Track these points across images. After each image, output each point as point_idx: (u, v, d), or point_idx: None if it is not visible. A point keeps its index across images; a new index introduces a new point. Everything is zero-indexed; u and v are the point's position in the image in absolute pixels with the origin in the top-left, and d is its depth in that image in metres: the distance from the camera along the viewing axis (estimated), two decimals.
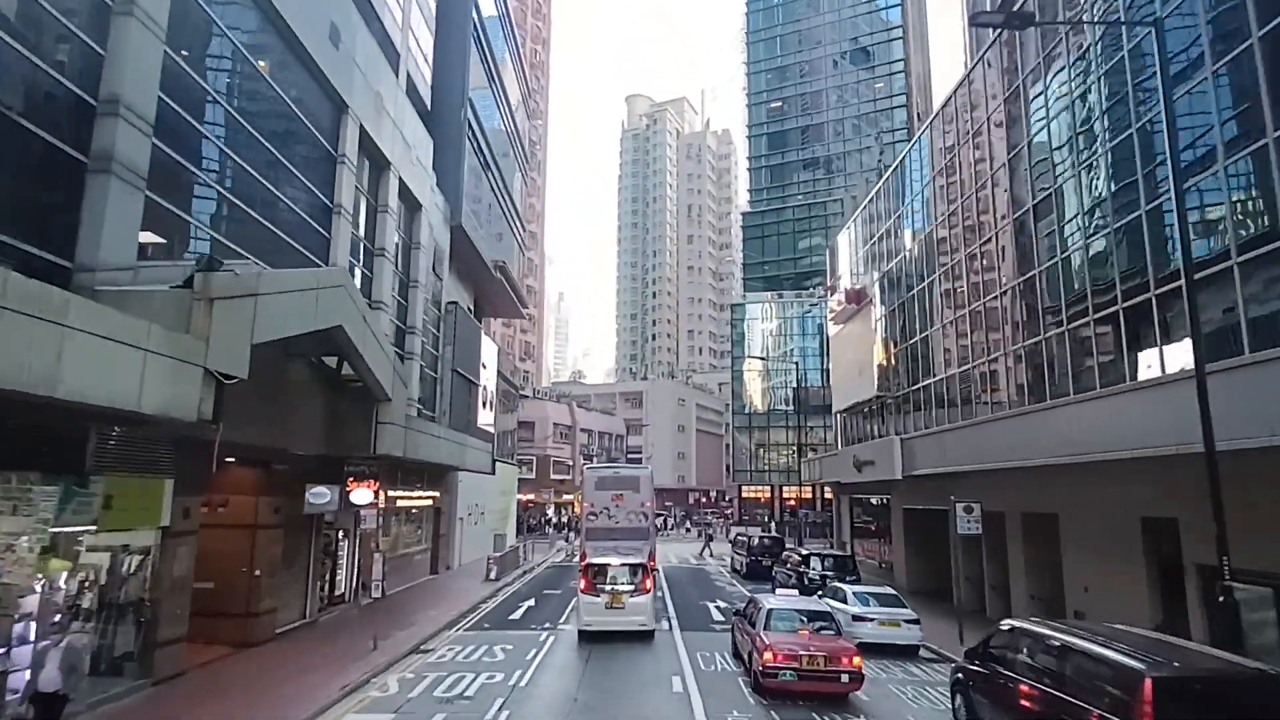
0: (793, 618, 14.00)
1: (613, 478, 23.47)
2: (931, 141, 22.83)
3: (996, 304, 18.72)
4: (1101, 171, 14.59)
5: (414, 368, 24.42)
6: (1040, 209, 17.04)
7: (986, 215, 19.67)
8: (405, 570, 24.55)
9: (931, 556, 25.23)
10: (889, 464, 21.96)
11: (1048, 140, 16.91)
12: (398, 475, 23.06)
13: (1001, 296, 18.68)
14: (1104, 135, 14.55)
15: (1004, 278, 18.66)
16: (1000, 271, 18.85)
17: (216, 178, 13.30)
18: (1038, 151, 17.28)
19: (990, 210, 19.40)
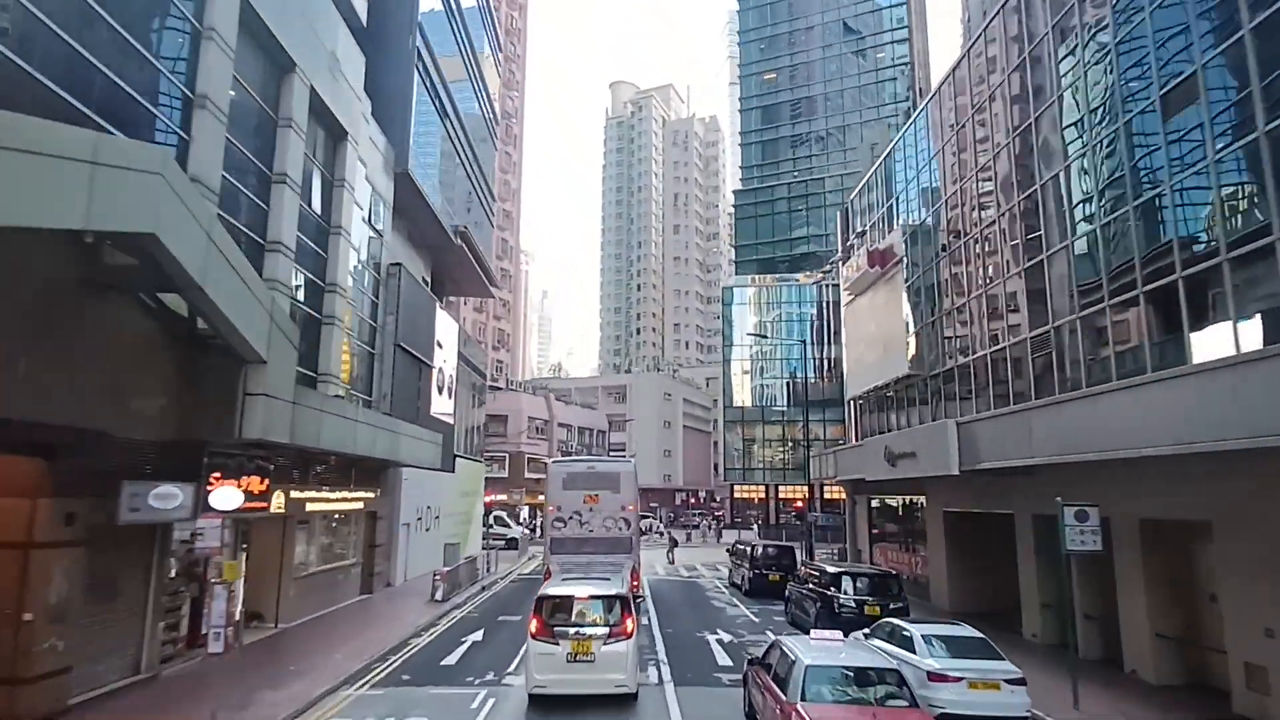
0: (844, 681, 9.30)
1: (586, 474, 18.54)
2: (1005, 29, 17.98)
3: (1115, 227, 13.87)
4: None
5: (333, 334, 19.28)
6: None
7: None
8: (324, 591, 19.40)
9: (982, 572, 20.45)
10: (938, 455, 17.13)
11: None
12: (309, 471, 17.92)
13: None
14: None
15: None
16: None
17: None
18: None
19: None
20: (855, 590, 16.04)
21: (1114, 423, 11.48)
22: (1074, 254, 14.92)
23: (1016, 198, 17.26)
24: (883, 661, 9.85)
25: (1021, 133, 17.16)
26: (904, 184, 24.65)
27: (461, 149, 35.19)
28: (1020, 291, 17.15)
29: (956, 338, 20.62)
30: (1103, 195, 13.97)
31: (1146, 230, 12.73)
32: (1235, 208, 10.94)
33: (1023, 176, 17.12)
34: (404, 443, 20.69)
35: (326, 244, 19.72)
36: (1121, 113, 13.39)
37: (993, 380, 18.37)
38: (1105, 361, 13.78)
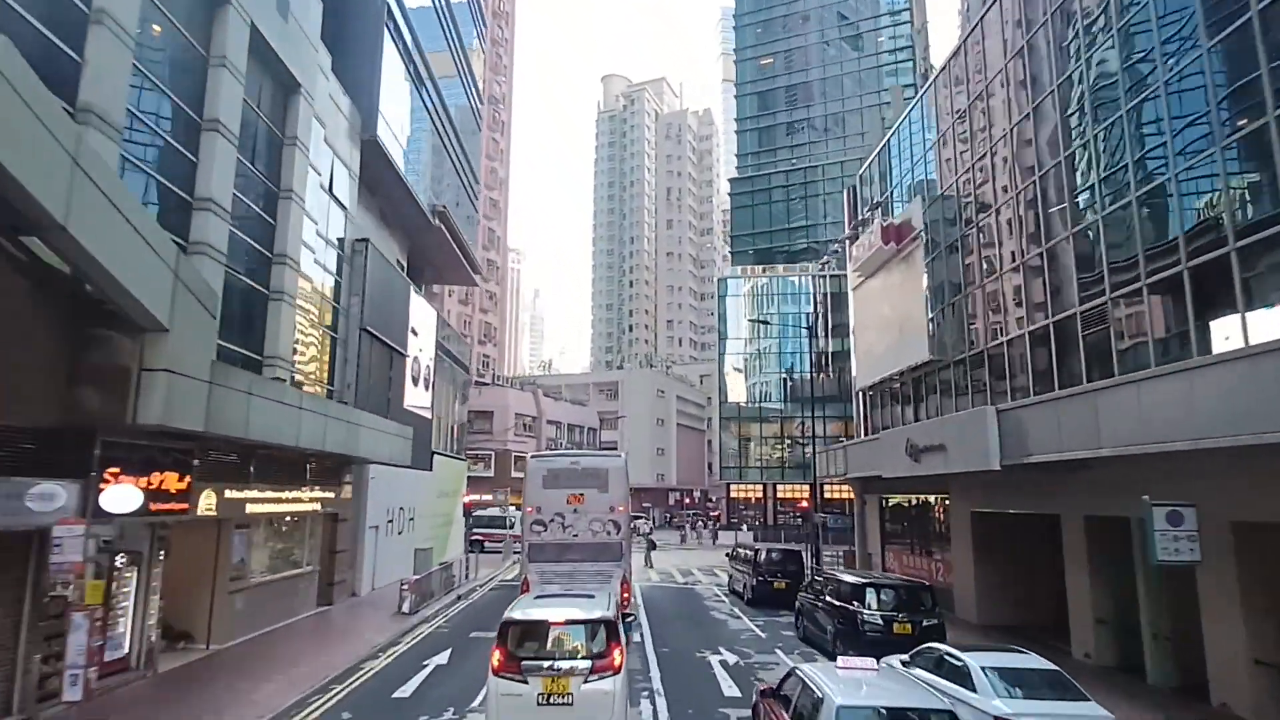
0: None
1: (569, 471, 16.20)
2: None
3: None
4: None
5: (282, 311, 16.93)
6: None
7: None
8: (271, 605, 17.00)
9: (1016, 580, 18.26)
10: (974, 448, 14.90)
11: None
12: (251, 466, 15.53)
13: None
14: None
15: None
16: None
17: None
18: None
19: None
20: (881, 604, 13.77)
21: (1219, 404, 9.24)
22: (1140, 211, 12.70)
23: (1064, 150, 15.03)
24: (934, 702, 7.64)
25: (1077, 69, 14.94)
26: (923, 151, 22.44)
27: (440, 122, 32.80)
28: (1067, 258, 14.92)
29: (987, 317, 18.41)
30: (1186, 128, 11.76)
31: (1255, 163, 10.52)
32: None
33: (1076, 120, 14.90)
34: (365, 436, 18.31)
35: (275, 209, 17.35)
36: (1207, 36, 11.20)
37: (1033, 363, 16.15)
38: (1181, 337, 11.58)
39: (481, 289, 59.47)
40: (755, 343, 55.22)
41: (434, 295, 53.01)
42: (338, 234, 21.77)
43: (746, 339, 55.69)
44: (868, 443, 22.77)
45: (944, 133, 21.07)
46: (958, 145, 20.22)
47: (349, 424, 17.04)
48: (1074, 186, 14.80)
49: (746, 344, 55.56)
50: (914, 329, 21.39)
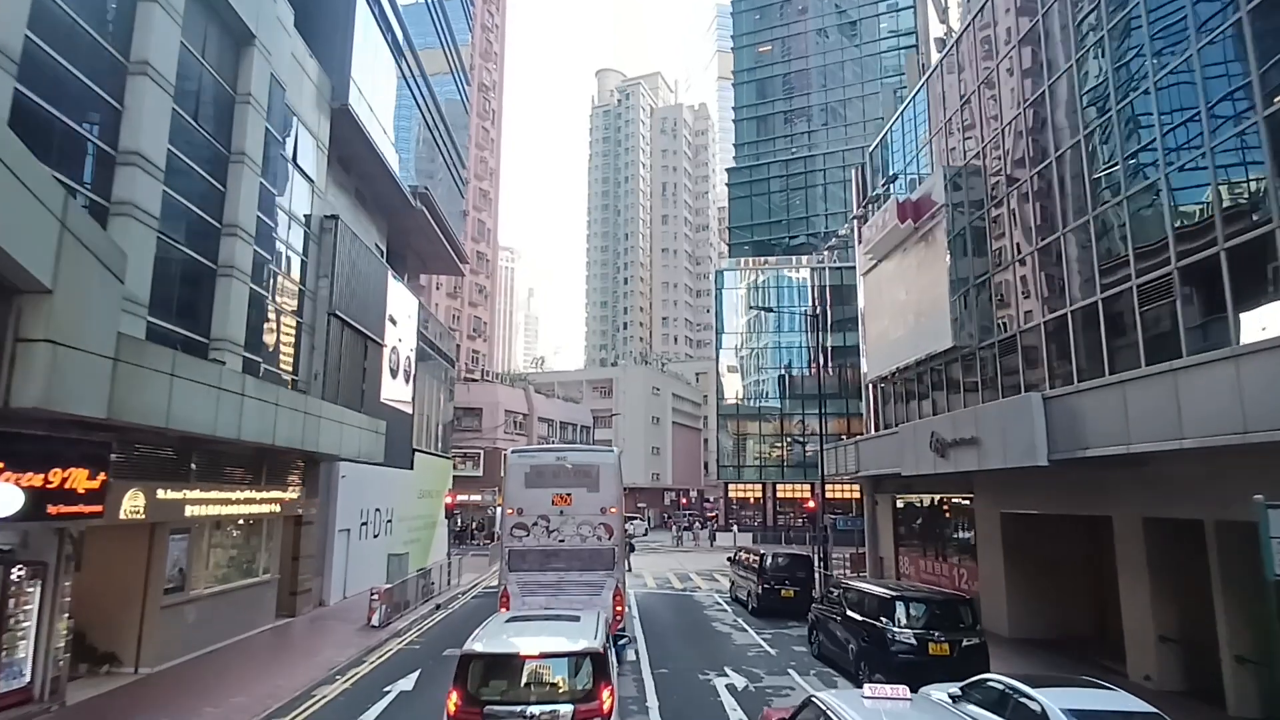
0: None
1: (555, 468, 14.32)
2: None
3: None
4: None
5: (231, 289, 15.03)
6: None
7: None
8: (218, 620, 15.06)
9: (1054, 588, 16.47)
10: (1015, 441, 13.08)
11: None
12: (190, 462, 13.60)
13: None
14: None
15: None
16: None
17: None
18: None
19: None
20: (913, 620, 11.92)
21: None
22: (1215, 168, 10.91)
23: (1118, 101, 13.22)
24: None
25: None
26: (943, 119, 20.61)
27: (423, 101, 30.87)
28: (1122, 223, 13.12)
29: (1021, 297, 16.61)
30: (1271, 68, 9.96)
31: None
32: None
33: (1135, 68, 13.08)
34: (328, 430, 16.39)
35: (225, 174, 15.42)
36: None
37: (1078, 346, 14.34)
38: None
39: (471, 282, 57.53)
40: (753, 337, 53.39)
41: (420, 288, 51.02)
42: (304, 209, 19.87)
43: (744, 333, 53.85)
44: (884, 438, 20.94)
45: (968, 97, 19.25)
46: (985, 108, 18.42)
47: (307, 415, 15.12)
48: (1129, 146, 12.99)
49: (744, 338, 53.73)
50: (934, 314, 19.57)
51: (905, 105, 23.06)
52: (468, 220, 57.14)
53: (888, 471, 20.07)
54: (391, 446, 26.01)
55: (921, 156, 22.28)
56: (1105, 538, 16.24)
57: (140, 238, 12.10)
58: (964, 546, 19.52)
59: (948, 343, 18.65)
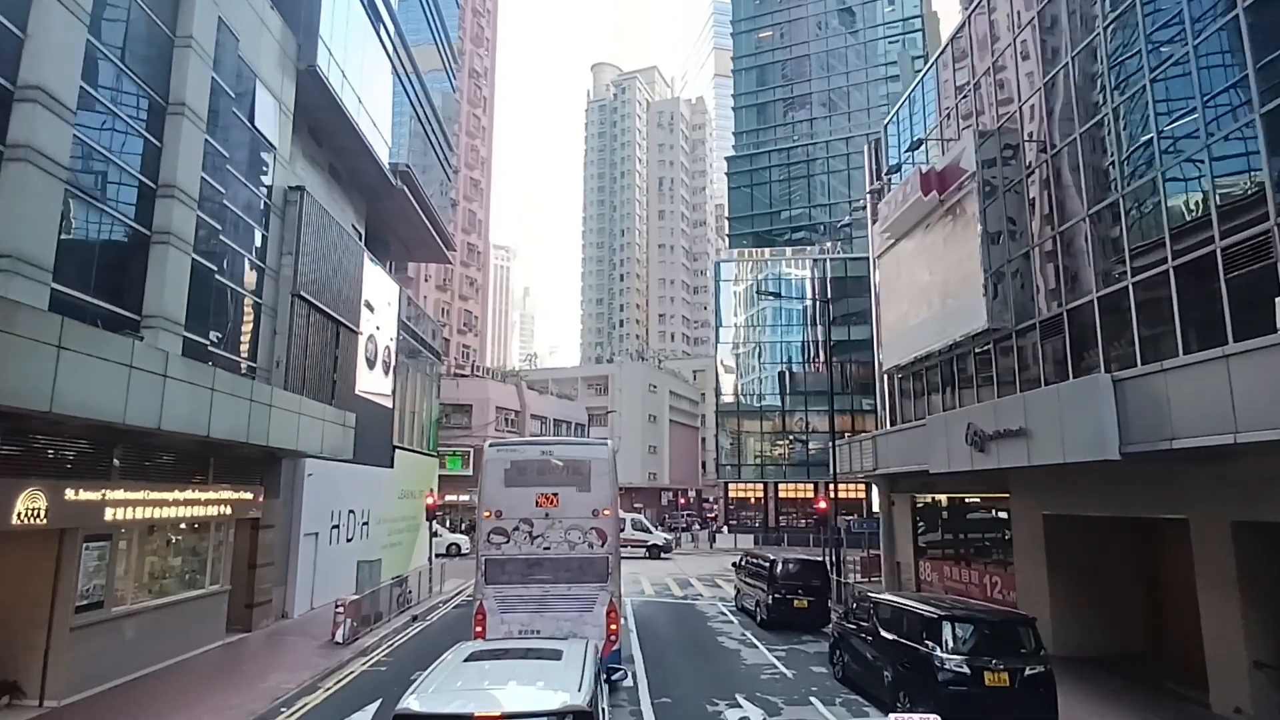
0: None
1: (540, 463, 12.34)
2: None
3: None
4: None
5: (168, 258, 13.06)
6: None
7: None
8: (154, 638, 13.07)
9: (1105, 599, 14.58)
10: (1077, 431, 11.17)
11: None
12: (110, 458, 11.63)
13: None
14: None
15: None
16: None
17: None
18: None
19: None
20: (961, 642, 9.99)
21: None
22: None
23: (1195, 36, 11.31)
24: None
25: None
26: (972, 78, 18.69)
27: (404, 70, 28.86)
28: (1191, 180, 11.22)
29: (1068, 271, 14.72)
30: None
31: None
32: None
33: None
34: (282, 421, 14.39)
35: (161, 127, 13.43)
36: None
37: (1141, 322, 12.44)
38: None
39: (461, 274, 55.53)
40: (753, 331, 51.46)
41: (408, 279, 49.05)
42: (263, 178, 17.89)
43: (744, 327, 51.90)
44: (906, 431, 19.02)
45: (1002, 52, 17.35)
46: (1023, 63, 16.54)
47: (254, 403, 13.13)
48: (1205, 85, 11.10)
49: (744, 333, 51.79)
50: (963, 294, 17.67)
51: (929, 68, 21.12)
52: (458, 210, 55.18)
53: (912, 469, 18.15)
54: (368, 442, 24.10)
55: (947, 123, 20.37)
56: (1163, 543, 14.43)
57: (40, 187, 10.13)
58: (997, 551, 17.63)
59: (981, 324, 16.75)
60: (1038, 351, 15.65)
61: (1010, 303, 16.49)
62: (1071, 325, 14.52)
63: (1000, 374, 17.30)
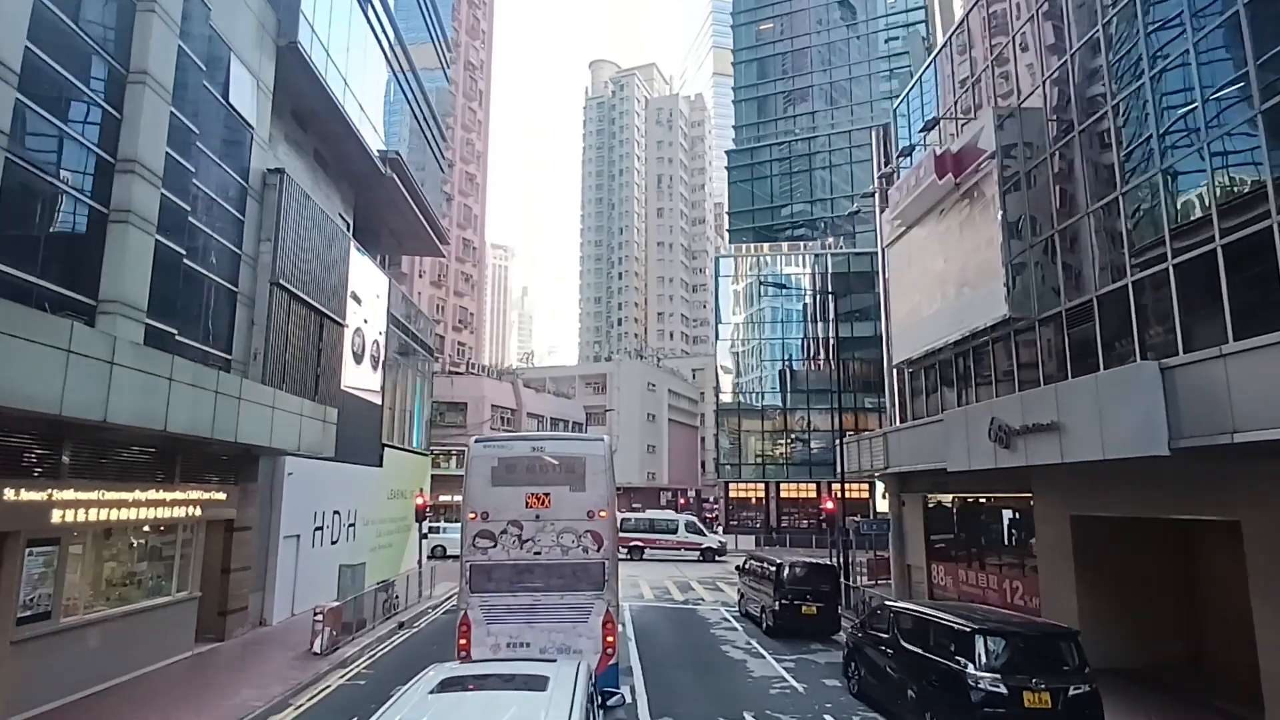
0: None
1: (530, 460, 11.30)
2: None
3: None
4: None
5: (128, 238, 12.08)
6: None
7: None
8: (116, 650, 12.06)
9: (1139, 607, 13.59)
10: (1121, 424, 10.19)
11: None
12: (59, 454, 10.60)
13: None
14: None
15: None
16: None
17: None
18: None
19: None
20: (997, 658, 8.98)
21: None
22: None
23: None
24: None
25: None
26: (989, 55, 17.68)
27: (396, 59, 27.86)
28: (1253, 155, 10.24)
29: (1098, 254, 13.73)
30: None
31: None
32: None
33: None
34: (252, 415, 13.36)
35: (121, 96, 12.41)
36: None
37: (1183, 307, 11.46)
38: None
39: (457, 270, 54.50)
40: (754, 328, 50.44)
41: (403, 274, 47.96)
42: (240, 160, 16.87)
43: (744, 324, 50.88)
44: (920, 427, 18.02)
45: (1023, 24, 16.36)
46: (1045, 32, 15.55)
47: (220, 395, 12.10)
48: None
49: (744, 330, 50.76)
50: (982, 282, 16.67)
51: (943, 45, 20.10)
52: (453, 205, 54.17)
53: (927, 466, 17.16)
54: (356, 440, 23.12)
55: (962, 103, 19.37)
56: (1204, 548, 13.46)
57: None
58: (1017, 555, 16.64)
59: (1001, 314, 15.75)
60: (1063, 341, 14.65)
61: (1032, 290, 15.50)
62: (1102, 312, 13.53)
63: (1021, 366, 16.31)
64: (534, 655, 10.41)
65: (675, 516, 38.32)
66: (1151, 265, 12.18)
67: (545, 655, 10.42)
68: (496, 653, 10.51)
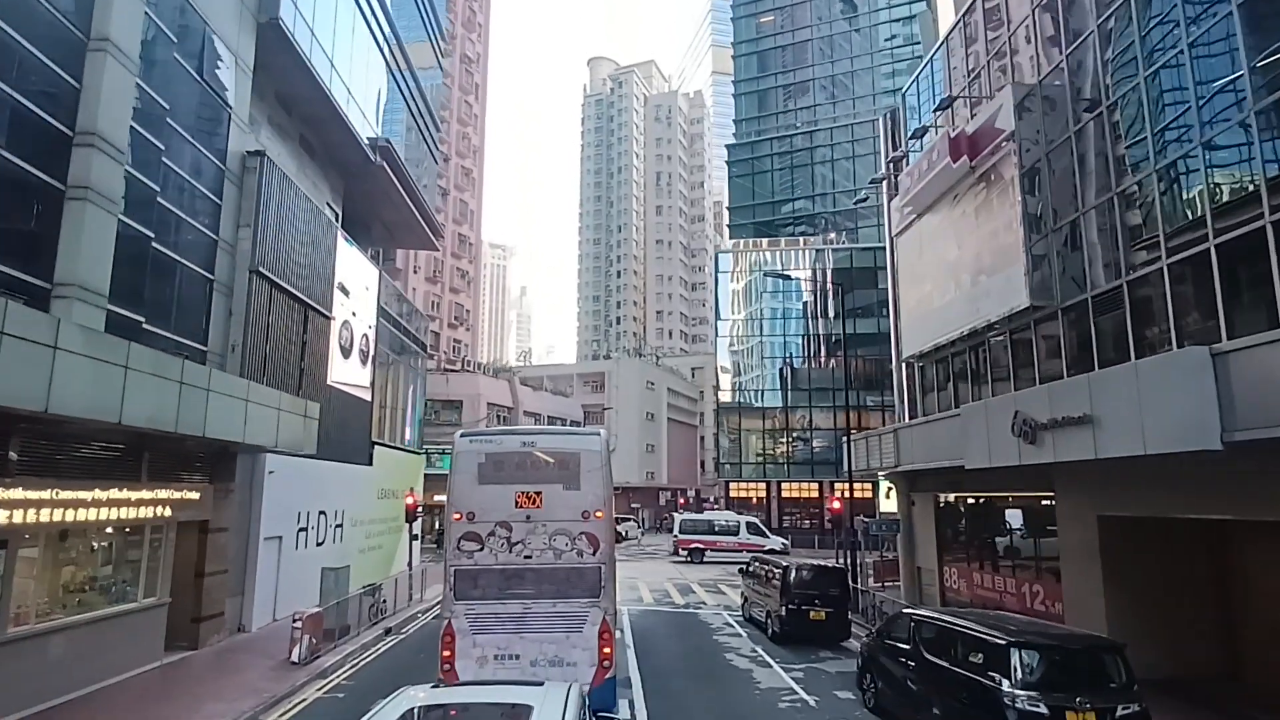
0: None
1: (519, 456, 10.38)
2: None
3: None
4: None
5: (86, 217, 11.16)
6: None
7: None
8: (69, 662, 11.16)
9: (1176, 617, 12.74)
10: (1165, 416, 9.33)
11: None
12: (4, 451, 9.71)
13: None
14: None
15: None
16: None
17: None
18: None
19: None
20: (1035, 674, 8.11)
21: None
22: None
23: None
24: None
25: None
26: (1009, 30, 16.81)
27: (388, 45, 26.95)
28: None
29: (1130, 236, 12.87)
30: None
31: None
32: None
33: None
34: (223, 408, 12.46)
35: (80, 66, 11.52)
36: None
37: (1226, 291, 10.60)
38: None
39: (452, 266, 53.56)
40: (754, 325, 49.55)
41: (396, 270, 47.00)
42: (216, 141, 15.97)
43: (744, 321, 49.99)
44: (934, 423, 17.15)
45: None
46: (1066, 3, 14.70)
47: (185, 386, 11.20)
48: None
49: (744, 327, 49.86)
50: (1000, 269, 15.82)
51: (959, 19, 19.20)
52: (449, 200, 53.28)
53: (941, 464, 16.28)
54: (344, 437, 22.26)
55: (976, 84, 18.50)
56: (1243, 550, 12.60)
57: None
58: (1037, 557, 15.77)
59: (1021, 302, 14.89)
60: (1090, 331, 13.79)
61: (1055, 277, 14.64)
62: (1134, 298, 12.67)
63: (1041, 358, 15.44)
64: (524, 667, 9.60)
65: (736, 518, 36.98)
66: (1190, 247, 11.31)
67: (536, 666, 9.62)
68: (483, 665, 9.66)
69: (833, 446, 46.10)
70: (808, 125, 53.69)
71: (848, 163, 51.35)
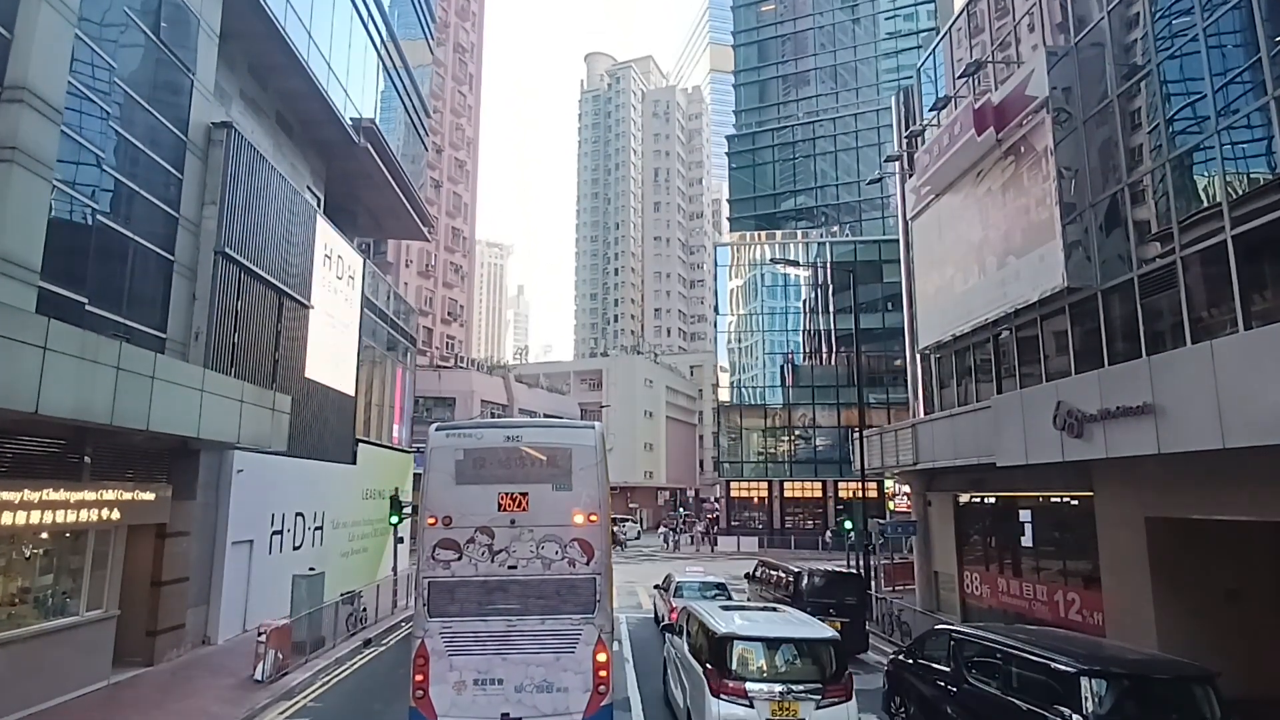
0: None
1: (503, 452, 8.96)
2: None
3: None
4: None
5: (13, 180, 9.81)
6: None
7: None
8: (10, 680, 9.84)
9: (1238, 631, 11.45)
10: (1245, 405, 8.05)
11: None
12: None
13: None
14: None
15: None
16: None
17: None
18: None
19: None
20: (1110, 706, 6.82)
21: None
22: None
23: None
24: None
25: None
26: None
27: (371, 19, 25.57)
28: None
29: (1184, 208, 11.58)
30: None
31: None
32: None
33: None
34: (172, 397, 11.10)
35: (14, 15, 10.19)
36: None
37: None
38: None
39: (445, 260, 52.19)
40: (754, 320, 48.24)
41: (388, 264, 45.76)
42: (176, 110, 14.63)
43: (744, 316, 48.67)
44: (960, 416, 15.83)
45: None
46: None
47: (123, 373, 9.85)
48: None
49: (744, 322, 48.55)
50: (1032, 249, 14.52)
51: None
52: (442, 192, 51.93)
53: (969, 462, 14.99)
54: (325, 434, 20.96)
55: (1001, 51, 17.21)
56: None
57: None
58: (1073, 562, 14.49)
59: (1056, 284, 13.60)
60: (1135, 314, 12.51)
61: (1095, 255, 13.36)
62: (1188, 276, 11.39)
63: (1078, 345, 14.16)
64: (508, 694, 8.34)
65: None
66: (1264, 214, 10.03)
67: (522, 693, 8.36)
68: (461, 691, 8.37)
69: (836, 445, 44.84)
70: (808, 116, 52.40)
71: (849, 154, 50.15)
